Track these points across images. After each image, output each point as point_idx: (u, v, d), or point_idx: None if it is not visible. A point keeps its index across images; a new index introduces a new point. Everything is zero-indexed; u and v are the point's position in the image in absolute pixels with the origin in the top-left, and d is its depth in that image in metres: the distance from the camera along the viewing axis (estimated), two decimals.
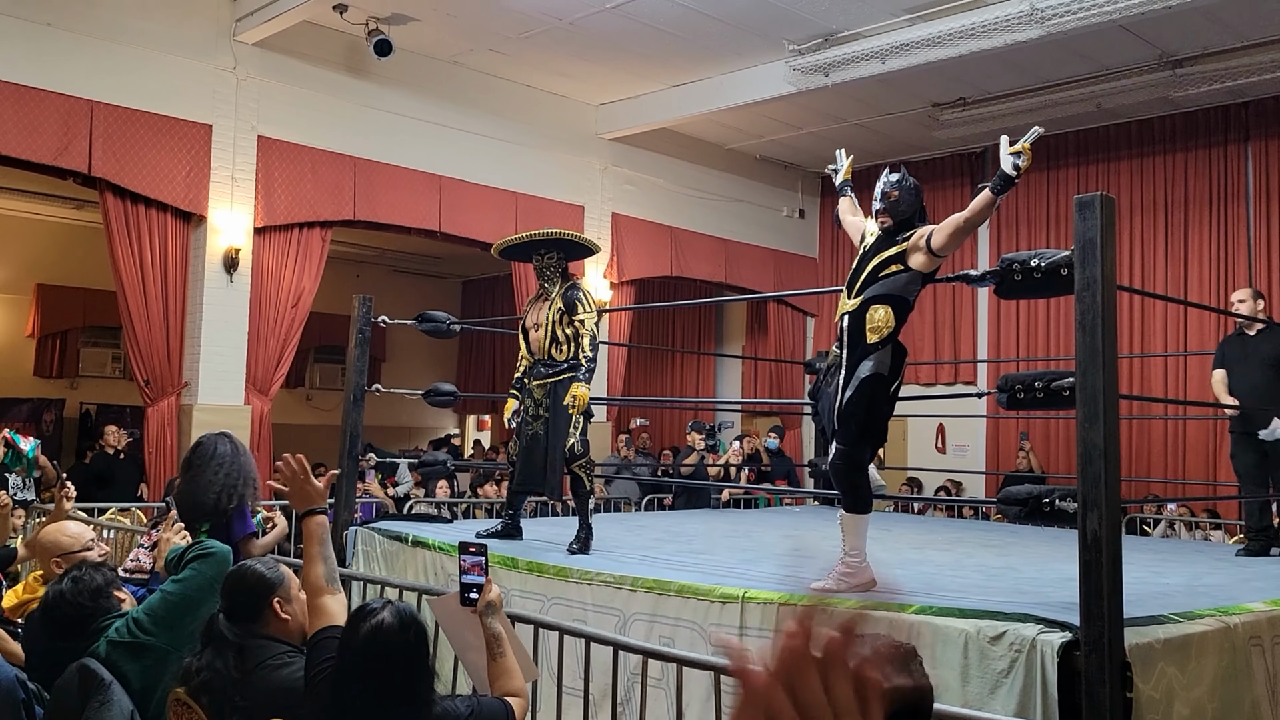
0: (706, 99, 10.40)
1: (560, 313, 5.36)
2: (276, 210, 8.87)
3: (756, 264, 12.80)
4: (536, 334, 5.44)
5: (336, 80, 9.31)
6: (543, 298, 5.51)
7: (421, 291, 15.87)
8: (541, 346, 5.41)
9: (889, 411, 4.18)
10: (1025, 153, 3.78)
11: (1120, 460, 3.34)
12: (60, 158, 7.72)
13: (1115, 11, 7.59)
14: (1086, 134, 11.18)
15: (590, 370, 5.31)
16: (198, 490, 3.92)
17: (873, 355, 4.03)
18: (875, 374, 4.02)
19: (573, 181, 11.12)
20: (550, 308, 5.40)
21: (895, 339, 4.08)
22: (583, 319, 5.33)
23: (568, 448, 5.28)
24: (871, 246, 4.17)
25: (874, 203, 4.21)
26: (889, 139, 11.98)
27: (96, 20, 8.00)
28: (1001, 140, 3.86)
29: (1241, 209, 10.26)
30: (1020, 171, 3.81)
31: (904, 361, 4.15)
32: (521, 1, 8.52)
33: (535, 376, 5.42)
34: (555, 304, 5.39)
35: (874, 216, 4.23)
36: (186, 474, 4.02)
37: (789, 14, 8.65)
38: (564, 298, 5.38)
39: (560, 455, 5.28)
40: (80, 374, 13.30)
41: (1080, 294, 3.40)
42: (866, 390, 4.01)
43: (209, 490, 3.92)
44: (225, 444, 4.06)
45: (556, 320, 5.37)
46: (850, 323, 4.11)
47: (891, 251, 4.09)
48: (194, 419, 8.31)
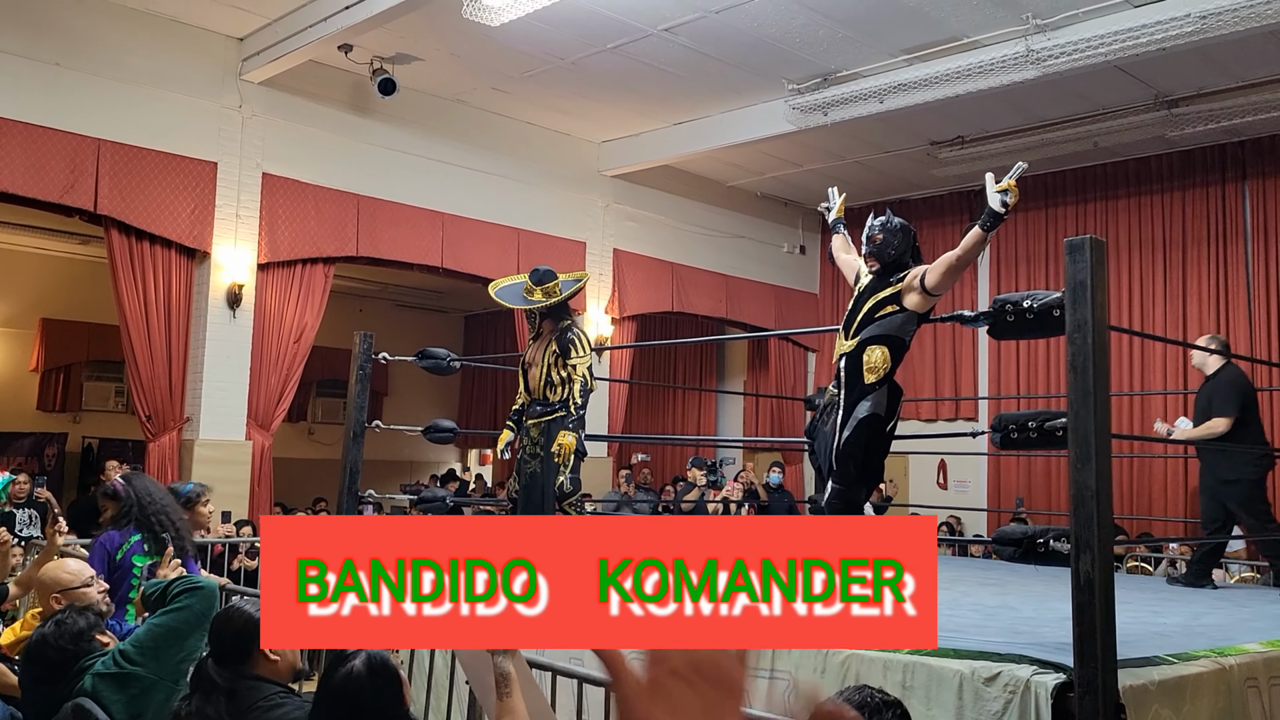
0: (707, 137, 10.51)
1: (555, 355, 5.42)
2: (280, 246, 8.94)
3: (757, 299, 12.86)
4: (533, 373, 5.50)
5: (341, 118, 9.42)
6: (538, 337, 5.58)
7: (424, 326, 15.94)
8: (537, 386, 5.47)
9: (885, 451, 4.21)
10: (1012, 189, 3.83)
11: (1112, 501, 3.35)
12: (66, 195, 7.81)
13: (1109, 53, 7.68)
14: (1084, 172, 11.26)
15: (579, 419, 5.38)
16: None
17: (870, 396, 4.06)
18: (873, 414, 4.05)
19: (574, 218, 11.20)
20: (546, 349, 5.45)
21: (892, 379, 4.11)
22: (575, 364, 5.38)
23: (557, 486, 5.35)
24: (866, 287, 4.22)
25: (861, 247, 4.26)
26: (888, 176, 12.08)
27: (105, 60, 8.11)
28: (987, 178, 3.91)
29: (1240, 247, 10.31)
30: (1009, 208, 3.85)
31: (900, 401, 4.19)
32: (524, 41, 8.63)
33: (531, 415, 5.48)
34: (550, 345, 5.45)
35: (864, 260, 4.28)
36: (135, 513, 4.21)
37: (788, 54, 8.75)
38: (559, 340, 5.44)
39: (553, 494, 5.34)
40: (83, 408, 13.33)
41: (1071, 335, 3.42)
42: (864, 431, 4.04)
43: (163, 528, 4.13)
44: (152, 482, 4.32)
45: (552, 362, 5.43)
46: (847, 364, 4.14)
47: (886, 292, 4.13)
48: (195, 454, 8.34)
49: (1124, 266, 11.00)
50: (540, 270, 5.66)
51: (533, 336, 5.67)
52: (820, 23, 8.14)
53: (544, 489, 5.37)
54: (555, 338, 5.45)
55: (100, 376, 13.32)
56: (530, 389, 5.53)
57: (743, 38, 8.45)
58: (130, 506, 4.37)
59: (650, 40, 8.57)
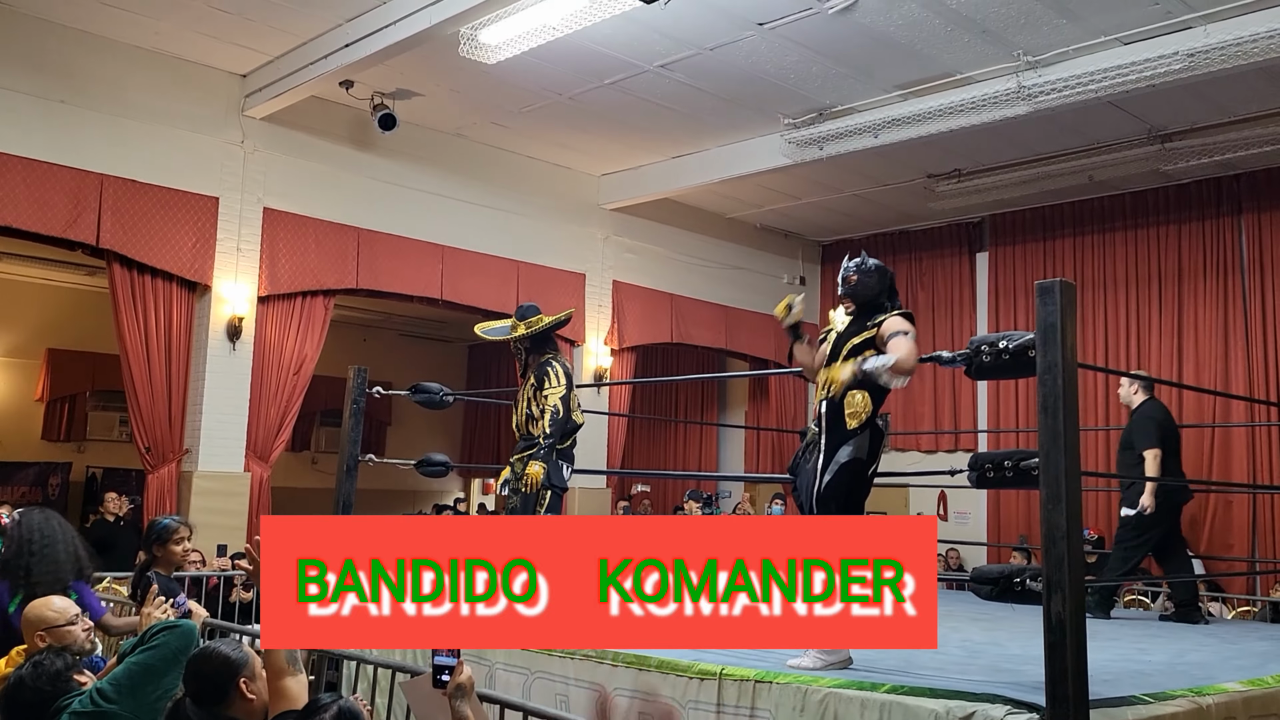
0: (705, 170, 10.60)
1: (534, 388, 5.48)
2: (280, 279, 9.04)
3: (757, 330, 12.90)
4: (517, 410, 5.58)
5: (342, 153, 9.54)
6: (525, 374, 5.64)
7: (428, 356, 16.01)
8: (520, 422, 5.54)
9: (866, 493, 4.22)
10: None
11: (1083, 541, 3.37)
12: (69, 230, 7.92)
13: (1100, 89, 7.75)
14: (1081, 205, 11.32)
15: (549, 449, 5.34)
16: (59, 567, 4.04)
17: (852, 440, 4.05)
18: (854, 459, 4.05)
19: (574, 250, 11.29)
20: (527, 384, 5.53)
21: (874, 422, 4.12)
22: (547, 394, 5.39)
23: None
24: (844, 332, 4.23)
25: (837, 288, 4.29)
26: (887, 209, 12.15)
27: (109, 97, 8.24)
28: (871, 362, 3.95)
29: (1236, 280, 10.34)
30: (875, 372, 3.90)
31: (883, 443, 4.18)
32: (522, 77, 8.74)
33: (515, 450, 5.54)
34: (530, 380, 5.52)
35: (839, 303, 4.31)
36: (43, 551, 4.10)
37: (782, 89, 8.85)
38: (536, 374, 5.51)
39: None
40: (88, 437, 13.42)
41: (1042, 377, 3.46)
42: (845, 476, 4.04)
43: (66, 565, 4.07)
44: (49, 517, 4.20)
45: (531, 396, 5.48)
46: (828, 409, 4.14)
47: (865, 336, 4.14)
48: (193, 485, 8.40)
49: (1120, 300, 11.05)
50: (524, 307, 5.75)
51: (521, 374, 5.73)
52: (813, 59, 8.23)
53: None
54: (534, 372, 5.52)
55: (105, 406, 13.41)
56: (516, 425, 5.60)
57: (737, 74, 8.55)
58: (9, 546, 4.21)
59: (646, 76, 8.67)
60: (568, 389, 5.49)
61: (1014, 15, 7.36)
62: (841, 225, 13.03)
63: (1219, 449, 10.24)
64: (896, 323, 4.08)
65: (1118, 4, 7.14)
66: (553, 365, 5.51)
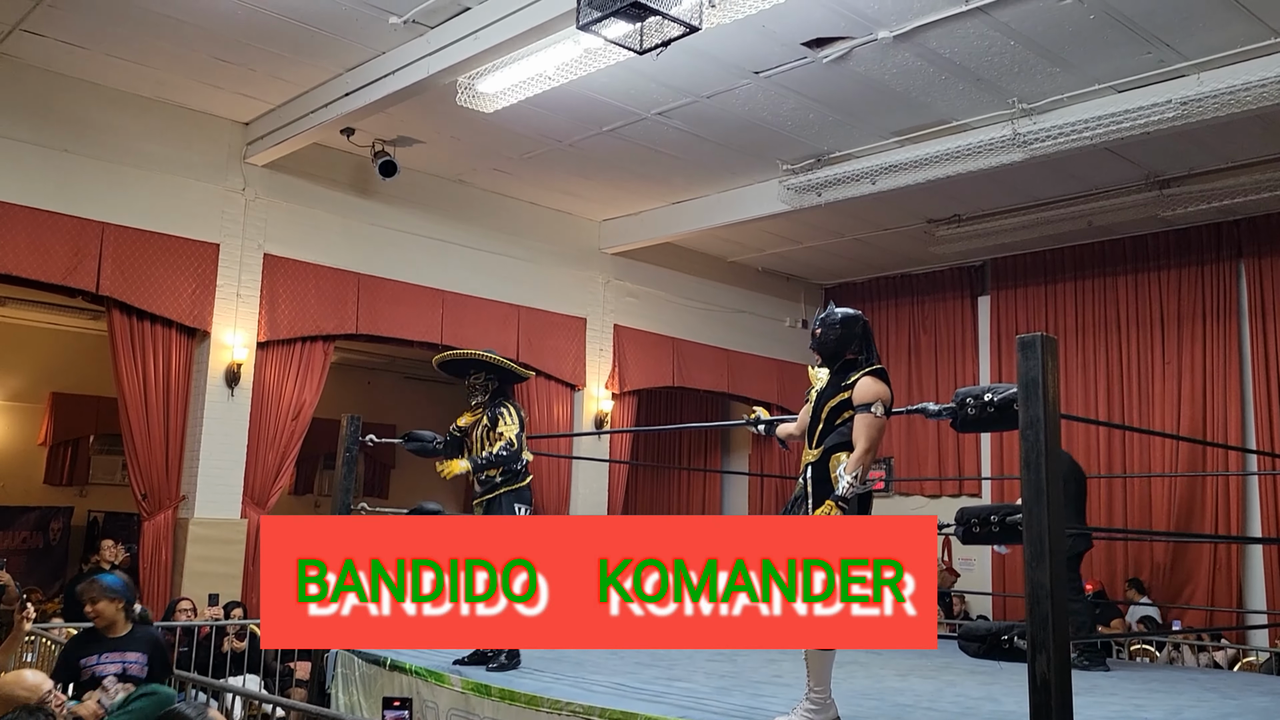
0: (705, 216, 10.63)
1: (486, 429, 5.52)
2: (280, 325, 9.06)
3: (759, 374, 12.88)
4: (474, 448, 5.60)
5: (343, 200, 9.60)
6: (464, 421, 5.65)
7: (432, 398, 15.97)
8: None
9: None
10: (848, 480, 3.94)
11: (1066, 603, 3.32)
12: (69, 277, 7.97)
13: (1094, 136, 7.77)
14: (1081, 249, 11.32)
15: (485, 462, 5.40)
16: None
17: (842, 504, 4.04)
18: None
19: (575, 295, 11.31)
20: (479, 428, 5.57)
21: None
22: (503, 430, 5.47)
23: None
24: (824, 391, 4.22)
25: (810, 342, 4.30)
26: (888, 253, 12.17)
27: (112, 146, 8.32)
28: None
29: (1235, 325, 10.30)
30: (851, 488, 3.92)
31: (870, 501, 4.16)
32: (521, 124, 8.81)
33: (474, 496, 5.58)
34: (482, 422, 5.57)
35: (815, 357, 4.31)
36: None
37: (780, 136, 8.90)
38: (489, 415, 5.56)
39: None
40: (90, 481, 13.42)
41: (1024, 432, 3.44)
42: None
43: None
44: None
45: (484, 437, 5.52)
46: (814, 472, 4.12)
47: (841, 397, 4.12)
48: (189, 533, 8.37)
49: (1123, 344, 11.02)
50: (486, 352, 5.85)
51: (461, 423, 5.72)
52: (810, 106, 8.28)
53: None
54: (487, 413, 5.57)
55: (108, 450, 13.43)
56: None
57: (735, 121, 8.60)
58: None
59: (645, 123, 8.73)
60: (521, 428, 5.56)
61: (1007, 63, 7.40)
62: (843, 268, 13.05)
63: (1225, 497, 10.15)
64: (864, 391, 4.06)
65: (1110, 52, 7.17)
66: (506, 406, 5.59)
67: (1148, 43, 7.01)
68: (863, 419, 4.02)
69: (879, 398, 4.03)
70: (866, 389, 4.06)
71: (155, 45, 7.63)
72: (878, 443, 4.04)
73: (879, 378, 4.11)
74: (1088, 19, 6.72)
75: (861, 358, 4.20)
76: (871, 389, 4.06)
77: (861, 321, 4.25)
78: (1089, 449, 10.83)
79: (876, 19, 6.88)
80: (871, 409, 4.01)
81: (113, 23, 7.30)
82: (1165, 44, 7.02)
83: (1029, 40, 7.05)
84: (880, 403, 4.03)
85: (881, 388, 4.07)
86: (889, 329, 13.08)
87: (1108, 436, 10.81)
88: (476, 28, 6.85)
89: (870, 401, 4.02)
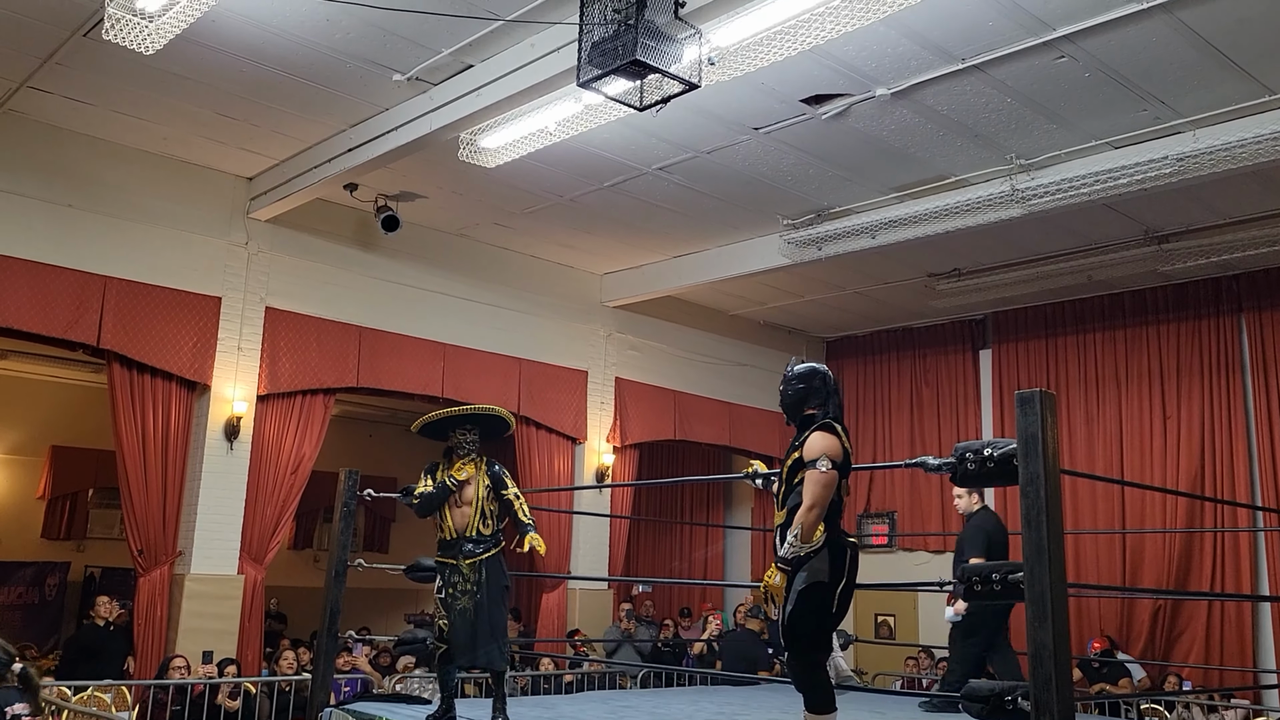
0: (706, 270, 10.67)
1: (489, 489, 5.49)
2: (280, 378, 9.06)
3: (761, 427, 12.84)
4: (464, 510, 5.45)
5: (345, 254, 9.64)
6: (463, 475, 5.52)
7: (435, 452, 15.90)
8: (470, 523, 5.42)
9: (844, 611, 4.06)
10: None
11: (1070, 664, 3.27)
12: (70, 331, 7.98)
13: (1092, 192, 7.82)
14: (1082, 304, 11.34)
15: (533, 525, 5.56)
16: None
17: (806, 565, 3.93)
18: (813, 584, 3.90)
19: (577, 348, 11.32)
20: (479, 485, 5.48)
21: (833, 540, 3.97)
22: (516, 490, 5.59)
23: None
24: (787, 451, 4.16)
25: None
26: (889, 306, 12.19)
27: (116, 201, 8.39)
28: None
29: (1238, 379, 10.28)
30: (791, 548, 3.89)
31: (849, 556, 4.01)
32: (523, 180, 8.87)
33: (465, 555, 5.37)
34: (483, 481, 5.51)
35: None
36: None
37: (780, 191, 8.95)
38: (490, 475, 5.54)
39: (501, 624, 5.38)
40: (88, 536, 13.34)
41: (1024, 489, 3.41)
42: (806, 604, 3.91)
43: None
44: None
45: (485, 497, 5.47)
46: (780, 534, 4.04)
47: (795, 456, 4.04)
48: (185, 589, 8.29)
49: (1121, 398, 10.99)
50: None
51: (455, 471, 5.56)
52: (809, 162, 8.34)
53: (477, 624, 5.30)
54: (486, 473, 5.54)
55: (106, 504, 13.37)
56: (458, 526, 5.44)
57: (735, 176, 8.66)
58: None
59: (646, 178, 8.80)
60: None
61: (1005, 120, 7.47)
62: (845, 322, 13.07)
63: (1234, 552, 10.06)
64: (811, 447, 3.97)
65: (1106, 109, 7.24)
66: (500, 466, 5.65)
67: (1143, 100, 7.08)
68: (809, 476, 3.90)
69: (823, 452, 3.92)
70: (813, 444, 3.96)
71: (160, 102, 7.72)
72: (824, 499, 3.89)
73: (828, 431, 4.00)
74: (1083, 76, 6.79)
75: (819, 413, 4.12)
76: (818, 444, 3.95)
77: (820, 375, 4.17)
78: (1093, 502, 10.76)
79: (874, 77, 6.95)
80: (817, 464, 3.90)
81: (119, 80, 7.39)
82: (1161, 101, 7.08)
83: (1026, 97, 7.12)
84: (825, 457, 3.90)
85: (828, 441, 3.96)
86: (891, 382, 13.06)
87: (1108, 490, 10.78)
88: (478, 85, 6.93)
89: (816, 457, 3.91)
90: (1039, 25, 6.24)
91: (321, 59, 7.00)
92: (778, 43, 6.11)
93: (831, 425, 4.04)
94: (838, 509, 4.04)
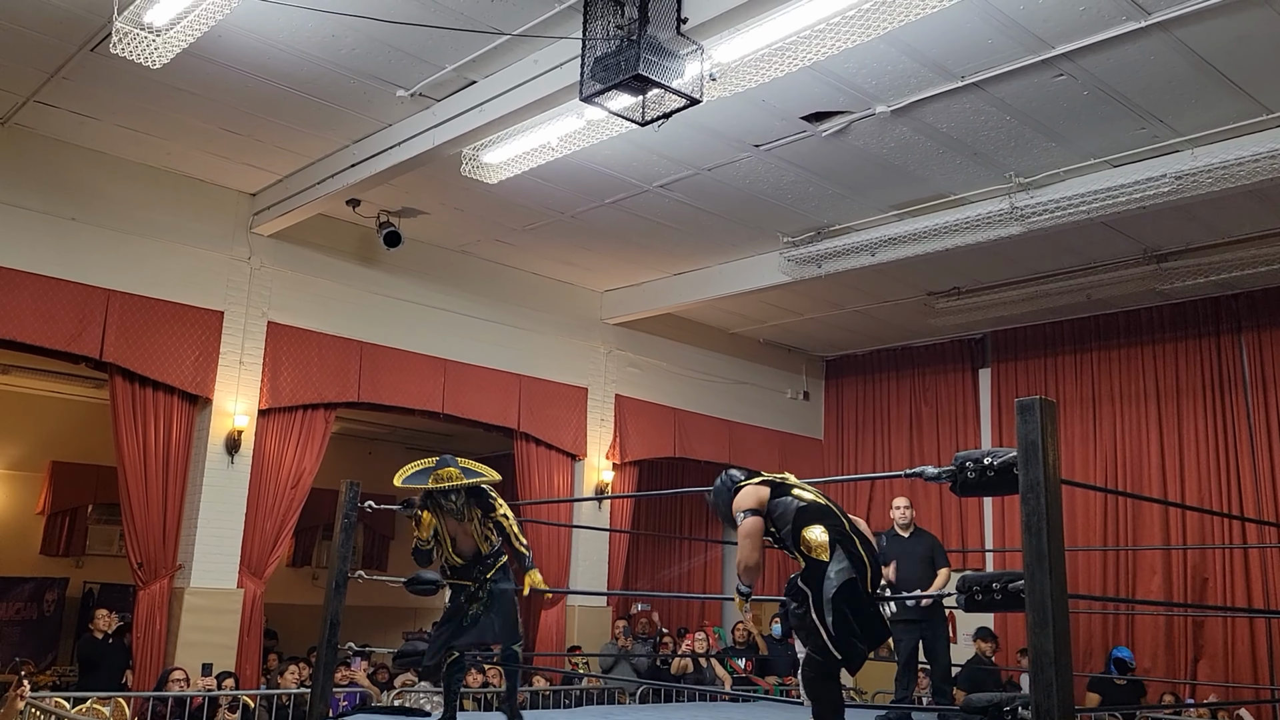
0: (706, 287, 10.71)
1: (481, 514, 5.73)
2: (281, 393, 9.07)
3: (761, 445, 12.85)
4: (466, 541, 5.75)
5: (347, 269, 9.68)
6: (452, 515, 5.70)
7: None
8: (471, 548, 5.76)
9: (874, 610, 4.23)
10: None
11: (1071, 669, 3.27)
12: (73, 344, 8.00)
13: (1091, 211, 7.86)
14: (1080, 323, 11.37)
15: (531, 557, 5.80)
16: None
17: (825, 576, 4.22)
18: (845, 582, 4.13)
19: (576, 364, 11.34)
20: (471, 520, 5.72)
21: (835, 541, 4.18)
22: (505, 513, 5.74)
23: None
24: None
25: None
26: (888, 324, 12.22)
27: (119, 215, 8.43)
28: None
29: (1239, 398, 10.29)
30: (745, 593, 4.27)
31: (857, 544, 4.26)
32: (524, 196, 8.92)
33: (473, 578, 5.74)
34: (475, 511, 5.73)
35: None
36: None
37: (780, 209, 9.00)
38: (479, 504, 5.73)
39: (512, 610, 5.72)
40: (86, 552, 13.31)
41: (1025, 496, 3.42)
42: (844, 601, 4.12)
43: None
44: None
45: (479, 521, 5.73)
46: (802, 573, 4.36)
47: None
48: (185, 602, 8.27)
49: (1123, 416, 11.01)
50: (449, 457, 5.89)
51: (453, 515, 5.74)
52: (810, 179, 8.39)
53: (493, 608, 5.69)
54: (476, 502, 5.72)
55: (106, 520, 13.35)
56: (464, 553, 5.76)
57: (735, 193, 8.71)
58: None
59: (647, 196, 8.84)
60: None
61: (1004, 139, 7.52)
62: (844, 340, 13.10)
63: (1243, 569, 10.04)
64: (736, 503, 4.40)
65: (1105, 128, 7.29)
66: (484, 490, 5.77)
67: (1142, 118, 7.13)
68: (740, 533, 4.35)
69: (739, 506, 4.38)
70: (737, 504, 4.41)
71: (165, 116, 7.77)
72: (749, 544, 4.29)
73: (745, 491, 4.43)
74: (1081, 95, 6.84)
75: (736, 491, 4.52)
76: (741, 503, 4.40)
77: (721, 477, 4.61)
78: (1088, 519, 10.74)
79: (874, 94, 7.00)
80: (740, 515, 4.37)
81: (124, 95, 7.44)
82: (1159, 120, 7.13)
83: (1025, 115, 7.17)
84: (741, 510, 4.35)
85: (741, 495, 4.40)
86: (890, 401, 13.07)
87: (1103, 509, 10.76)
88: (481, 100, 6.98)
89: (742, 511, 4.37)
90: (1038, 44, 6.30)
91: (326, 74, 7.06)
92: (779, 59, 6.16)
93: (743, 486, 4.48)
94: (826, 513, 4.31)
